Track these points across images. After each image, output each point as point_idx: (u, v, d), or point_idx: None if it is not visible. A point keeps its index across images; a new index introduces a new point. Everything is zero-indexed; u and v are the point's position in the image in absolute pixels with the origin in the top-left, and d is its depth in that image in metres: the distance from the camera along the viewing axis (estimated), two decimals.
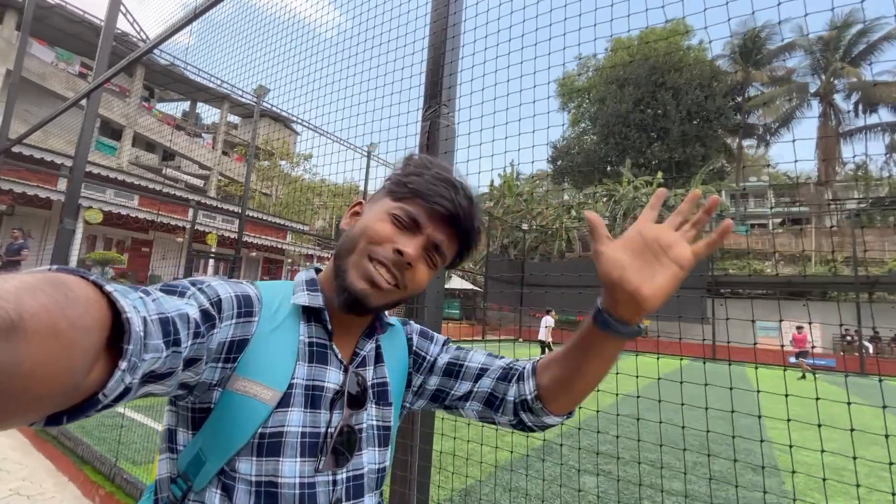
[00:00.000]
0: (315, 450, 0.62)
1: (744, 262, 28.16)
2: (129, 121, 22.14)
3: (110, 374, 0.37)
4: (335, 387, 0.66)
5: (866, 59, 29.44)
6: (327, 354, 0.67)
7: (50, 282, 0.32)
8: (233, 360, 0.59)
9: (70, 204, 4.20)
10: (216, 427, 0.59)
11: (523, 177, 33.24)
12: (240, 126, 29.98)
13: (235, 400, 0.59)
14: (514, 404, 0.73)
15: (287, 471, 0.59)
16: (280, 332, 0.64)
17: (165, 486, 0.62)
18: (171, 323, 0.46)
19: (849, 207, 29.15)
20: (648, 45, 28.43)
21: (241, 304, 0.61)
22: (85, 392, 0.36)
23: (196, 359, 0.53)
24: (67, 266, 0.38)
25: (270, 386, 0.60)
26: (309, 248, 21.33)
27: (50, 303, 0.30)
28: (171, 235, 17.02)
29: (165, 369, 0.46)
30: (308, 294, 0.68)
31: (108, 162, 19.38)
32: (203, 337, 0.53)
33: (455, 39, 1.74)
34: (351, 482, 0.65)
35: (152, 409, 4.80)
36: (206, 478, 0.58)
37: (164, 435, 0.64)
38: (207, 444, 0.59)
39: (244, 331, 0.60)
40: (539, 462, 3.89)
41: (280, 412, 0.60)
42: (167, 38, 2.94)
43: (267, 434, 0.59)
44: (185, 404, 0.61)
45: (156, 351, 0.43)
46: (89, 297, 0.35)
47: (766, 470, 4.42)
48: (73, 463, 3.20)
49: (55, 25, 19.68)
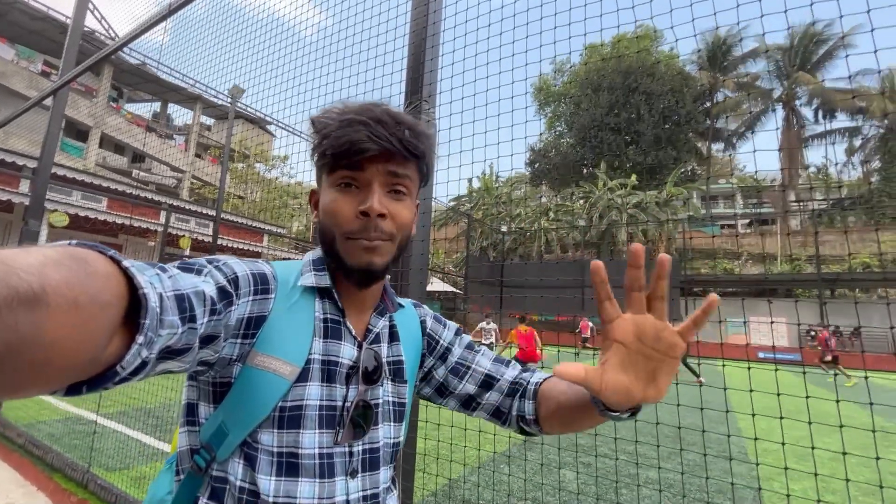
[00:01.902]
0: (332, 422, 0.63)
1: (713, 262, 29.09)
2: (97, 121, 21.38)
3: (128, 347, 0.38)
4: (349, 362, 0.67)
5: (823, 66, 30.93)
6: (341, 330, 0.68)
7: (71, 256, 0.33)
8: (251, 335, 0.60)
9: (35, 206, 4.05)
10: (237, 401, 0.60)
11: (502, 179, 33.56)
12: (213, 127, 29.33)
13: (255, 375, 0.60)
14: (517, 417, 0.79)
15: (307, 442, 0.61)
16: (296, 309, 0.65)
17: (187, 457, 0.64)
18: (187, 299, 0.47)
19: (811, 209, 30.50)
20: (620, 50, 29.18)
21: (258, 282, 0.63)
22: (104, 364, 0.37)
23: (213, 336, 0.54)
24: (87, 241, 0.39)
25: (289, 361, 0.61)
26: (286, 252, 21.00)
27: (71, 276, 0.31)
28: (142, 239, 16.51)
29: (181, 345, 0.47)
30: (315, 274, 0.69)
31: (74, 163, 18.64)
32: (220, 314, 0.54)
33: (435, 37, 1.78)
34: (367, 454, 0.67)
35: (125, 416, 4.66)
36: (229, 449, 0.60)
37: (184, 409, 0.65)
38: (229, 417, 0.60)
39: (261, 307, 0.62)
40: (521, 457, 3.95)
41: (299, 386, 0.62)
42: (140, 34, 2.89)
43: (287, 408, 0.61)
44: (206, 379, 0.62)
45: (171, 327, 0.44)
46: (108, 273, 0.36)
47: (736, 461, 4.59)
48: (42, 471, 3.09)
49: (16, 22, 18.90)
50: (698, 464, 4.14)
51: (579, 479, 3.62)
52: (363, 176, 0.64)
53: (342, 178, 0.64)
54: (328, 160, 0.64)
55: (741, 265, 28.94)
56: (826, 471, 4.05)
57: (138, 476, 3.15)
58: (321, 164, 0.66)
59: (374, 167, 0.63)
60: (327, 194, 0.66)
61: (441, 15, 1.81)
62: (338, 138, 0.62)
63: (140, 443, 3.89)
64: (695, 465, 4.10)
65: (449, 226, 32.72)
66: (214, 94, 10.51)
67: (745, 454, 4.85)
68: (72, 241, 0.38)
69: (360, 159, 0.62)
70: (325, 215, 0.66)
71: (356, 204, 0.64)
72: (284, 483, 0.59)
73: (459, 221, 31.67)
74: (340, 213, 0.64)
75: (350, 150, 0.61)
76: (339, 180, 0.64)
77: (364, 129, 0.61)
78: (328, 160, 0.64)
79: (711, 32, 26.67)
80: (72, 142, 21.39)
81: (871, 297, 24.62)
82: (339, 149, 0.62)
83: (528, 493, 3.35)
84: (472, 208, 31.60)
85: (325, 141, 0.63)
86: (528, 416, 0.77)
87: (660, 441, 2.91)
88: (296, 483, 0.60)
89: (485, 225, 29.52)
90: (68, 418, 4.47)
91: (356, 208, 0.63)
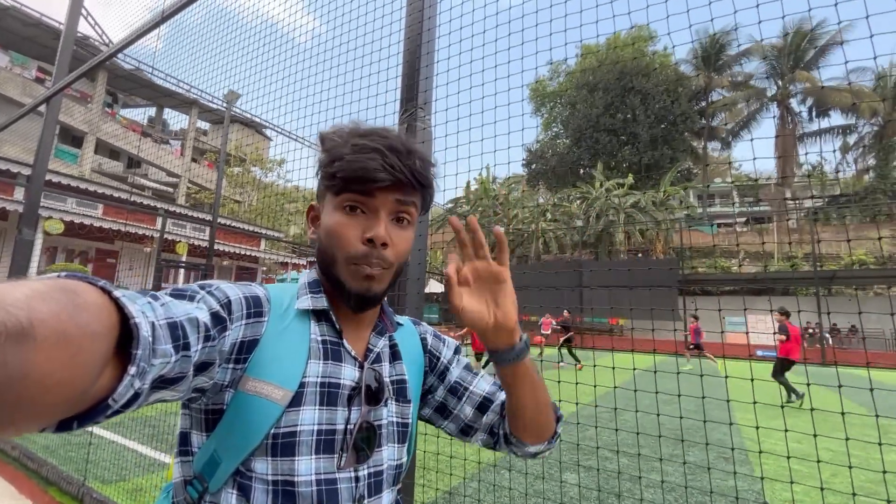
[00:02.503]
0: (331, 447, 0.62)
1: (711, 260, 29.19)
2: (92, 127, 21.30)
3: (120, 379, 0.37)
4: (351, 383, 0.66)
5: (817, 64, 31.10)
6: (341, 352, 0.67)
7: (59, 288, 0.33)
8: (243, 360, 0.59)
9: (29, 213, 4.01)
10: (229, 428, 0.59)
11: (499, 181, 33.60)
12: (209, 132, 29.27)
13: (247, 401, 0.59)
14: (503, 435, 0.78)
15: (303, 469, 0.59)
16: (290, 332, 0.64)
17: (181, 489, 0.62)
18: (180, 327, 0.47)
19: (807, 206, 30.63)
20: (615, 51, 29.28)
21: (251, 305, 0.62)
22: (95, 397, 0.36)
23: (208, 363, 0.53)
24: (76, 272, 0.38)
25: (281, 385, 0.60)
26: (284, 256, 20.94)
27: (60, 309, 0.31)
28: (138, 245, 16.43)
29: (175, 374, 0.46)
30: (311, 297, 0.68)
31: (69, 170, 18.57)
32: (214, 340, 0.53)
33: (430, 44, 1.76)
34: (372, 478, 0.65)
35: (121, 426, 4.61)
36: (221, 478, 0.59)
37: (179, 438, 0.64)
38: (221, 445, 0.59)
39: (254, 331, 0.61)
40: (521, 461, 3.92)
41: (292, 412, 0.60)
42: (133, 41, 2.87)
43: (280, 434, 0.59)
44: (198, 406, 0.61)
45: (164, 356, 0.43)
46: (98, 303, 0.35)
47: (737, 457, 4.58)
48: (38, 484, 3.05)
49: (10, 28, 18.84)
50: (699, 465, 4.13)
51: (581, 484, 3.60)
52: (372, 203, 0.64)
53: (350, 202, 0.64)
54: (337, 183, 0.63)
55: (739, 262, 29.02)
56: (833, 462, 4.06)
57: (135, 488, 3.11)
58: (329, 185, 0.65)
59: (384, 195, 0.63)
60: (332, 216, 0.65)
61: (436, 21, 1.80)
62: (350, 163, 0.61)
63: (137, 453, 3.85)
64: (696, 468, 4.09)
65: (447, 228, 32.73)
66: (210, 99, 10.49)
67: (744, 452, 4.84)
68: (61, 273, 0.38)
69: (371, 187, 0.62)
70: (327, 237, 0.65)
71: (361, 229, 0.63)
72: None
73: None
74: (345, 237, 0.63)
75: (363, 177, 0.61)
76: (345, 202, 0.64)
77: (378, 157, 0.61)
78: (337, 183, 0.63)
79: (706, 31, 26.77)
80: (67, 148, 21.30)
81: (868, 293, 24.74)
82: (352, 174, 0.61)
83: (528, 498, 3.34)
84: (471, 210, 31.61)
85: (336, 163, 0.62)
86: (506, 430, 0.76)
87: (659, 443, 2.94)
88: None
89: (482, 226, 29.48)
90: None
91: (361, 234, 0.63)
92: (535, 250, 29.38)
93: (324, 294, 0.69)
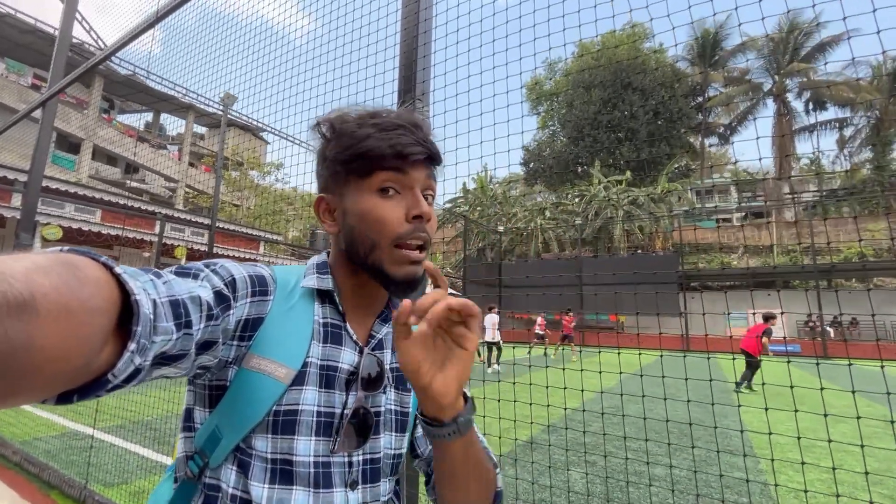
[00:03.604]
0: (329, 430, 0.61)
1: (711, 255, 29.20)
2: (88, 133, 21.28)
3: (120, 354, 0.37)
4: (349, 368, 0.65)
5: (815, 58, 31.14)
6: (342, 335, 0.66)
7: (61, 262, 0.33)
8: (248, 338, 0.59)
9: (26, 219, 3.99)
10: (231, 404, 0.59)
11: (497, 180, 33.60)
12: (206, 136, 29.26)
13: (250, 377, 0.59)
14: (429, 488, 0.72)
15: (302, 449, 0.59)
16: (295, 312, 0.64)
17: (182, 464, 0.63)
18: (182, 305, 0.47)
19: (805, 200, 30.67)
20: (612, 50, 29.33)
21: (256, 284, 0.61)
22: (95, 372, 0.36)
23: (211, 341, 0.53)
24: (79, 248, 0.38)
25: (285, 364, 0.60)
26: (284, 259, 20.93)
27: (61, 283, 0.31)
28: (137, 250, 16.41)
29: (177, 351, 0.46)
30: (318, 277, 0.67)
31: (66, 176, 18.54)
32: (217, 319, 0.53)
33: (427, 34, 1.75)
34: (367, 465, 0.65)
35: (123, 429, 4.60)
36: (222, 454, 0.59)
37: (183, 414, 0.64)
38: (223, 421, 0.59)
39: (259, 309, 0.61)
40: (527, 457, 3.91)
41: (294, 390, 0.60)
42: (127, 43, 2.85)
43: (282, 412, 0.59)
44: (202, 382, 0.61)
45: (166, 333, 0.43)
46: (99, 279, 0.35)
47: (743, 452, 4.57)
48: (39, 489, 3.03)
49: (5, 35, 18.82)
50: (704, 459, 4.12)
51: (587, 480, 3.59)
52: (406, 180, 0.62)
53: (384, 182, 0.61)
54: (366, 164, 0.61)
55: (739, 258, 29.04)
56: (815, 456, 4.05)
57: (137, 490, 3.10)
58: (352, 168, 0.62)
59: (417, 172, 0.62)
60: (364, 200, 0.62)
61: (432, 12, 1.79)
62: (382, 140, 0.60)
63: (139, 456, 3.83)
64: (700, 461, 4.08)
65: (446, 227, 32.72)
66: (206, 103, 10.48)
67: (748, 442, 4.83)
68: (63, 247, 0.37)
69: (405, 164, 0.61)
70: (363, 222, 0.62)
71: (402, 209, 0.62)
72: (278, 491, 0.58)
73: (456, 223, 31.68)
74: (388, 219, 0.61)
75: (400, 153, 0.60)
76: (380, 184, 0.61)
77: (407, 133, 0.61)
78: (366, 164, 0.61)
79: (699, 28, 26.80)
80: (64, 154, 21.29)
81: (868, 285, 24.77)
82: (388, 151, 0.60)
83: (535, 493, 3.32)
84: (469, 209, 31.62)
85: (361, 143, 0.60)
86: (431, 487, 0.70)
87: (666, 439, 2.93)
88: (290, 492, 0.58)
89: (481, 226, 29.52)
90: (65, 434, 4.41)
91: (403, 213, 0.62)
92: (534, 249, 29.41)
93: (331, 276, 0.68)
